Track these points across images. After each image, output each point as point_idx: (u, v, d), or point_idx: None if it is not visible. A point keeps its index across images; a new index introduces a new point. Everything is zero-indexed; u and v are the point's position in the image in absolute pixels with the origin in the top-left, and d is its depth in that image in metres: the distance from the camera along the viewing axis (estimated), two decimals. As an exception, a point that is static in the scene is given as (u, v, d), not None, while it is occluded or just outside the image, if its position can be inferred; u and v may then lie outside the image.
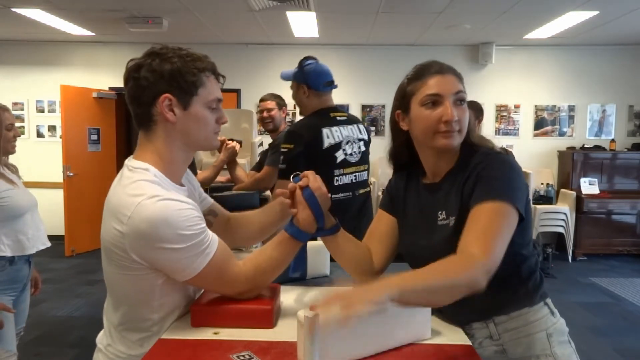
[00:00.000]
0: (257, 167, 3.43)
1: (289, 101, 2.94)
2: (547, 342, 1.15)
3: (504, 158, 1.15)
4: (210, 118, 1.15)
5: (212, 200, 1.42)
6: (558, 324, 1.19)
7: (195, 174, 3.04)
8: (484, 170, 1.11)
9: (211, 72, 1.15)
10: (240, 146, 3.21)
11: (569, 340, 1.20)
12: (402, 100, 1.22)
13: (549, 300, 1.21)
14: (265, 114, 3.28)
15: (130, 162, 1.14)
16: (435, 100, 1.15)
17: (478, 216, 1.05)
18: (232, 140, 3.18)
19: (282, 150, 2.24)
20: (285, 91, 3.50)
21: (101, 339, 1.21)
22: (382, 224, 1.35)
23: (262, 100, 3.34)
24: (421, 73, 1.19)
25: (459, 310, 1.19)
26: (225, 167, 3.23)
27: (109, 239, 1.07)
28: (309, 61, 2.38)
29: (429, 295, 0.95)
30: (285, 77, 2.49)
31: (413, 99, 1.18)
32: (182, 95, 1.10)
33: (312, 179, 1.22)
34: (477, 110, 3.38)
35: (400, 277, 0.92)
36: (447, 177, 1.20)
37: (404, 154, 1.30)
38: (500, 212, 1.05)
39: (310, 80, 2.33)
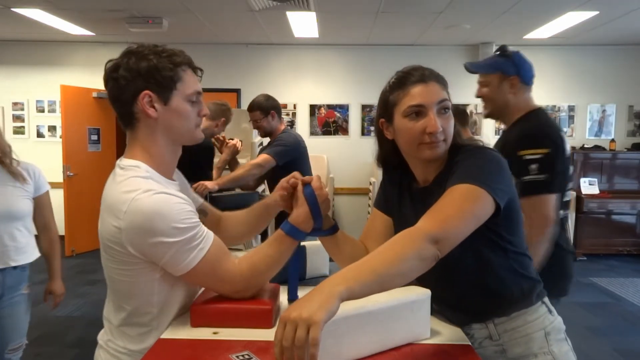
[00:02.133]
0: None
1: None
2: (545, 340, 1.15)
3: (487, 150, 1.13)
4: (191, 111, 1.17)
5: (201, 200, 1.43)
6: (555, 322, 1.19)
7: (209, 178, 3.03)
8: (462, 160, 1.10)
9: (188, 65, 1.16)
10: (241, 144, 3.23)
11: (565, 338, 1.20)
12: (385, 109, 1.19)
13: (546, 299, 1.21)
14: (252, 125, 3.25)
15: (121, 161, 1.16)
16: (418, 111, 1.12)
17: (443, 197, 1.03)
18: (232, 139, 3.19)
19: (534, 157, 1.71)
20: (284, 91, 3.50)
21: (102, 335, 1.23)
22: (377, 223, 1.34)
23: (247, 109, 3.21)
24: (403, 81, 1.15)
25: (457, 314, 1.20)
26: (227, 167, 3.24)
27: (107, 236, 1.09)
28: (514, 49, 1.97)
29: (381, 280, 0.89)
30: (480, 69, 2.01)
31: (396, 109, 1.16)
32: (161, 91, 1.12)
33: (315, 178, 1.22)
34: (461, 114, 3.18)
35: (344, 274, 0.88)
36: (436, 180, 1.18)
37: (392, 159, 1.28)
38: (467, 193, 1.01)
39: (524, 70, 1.90)
